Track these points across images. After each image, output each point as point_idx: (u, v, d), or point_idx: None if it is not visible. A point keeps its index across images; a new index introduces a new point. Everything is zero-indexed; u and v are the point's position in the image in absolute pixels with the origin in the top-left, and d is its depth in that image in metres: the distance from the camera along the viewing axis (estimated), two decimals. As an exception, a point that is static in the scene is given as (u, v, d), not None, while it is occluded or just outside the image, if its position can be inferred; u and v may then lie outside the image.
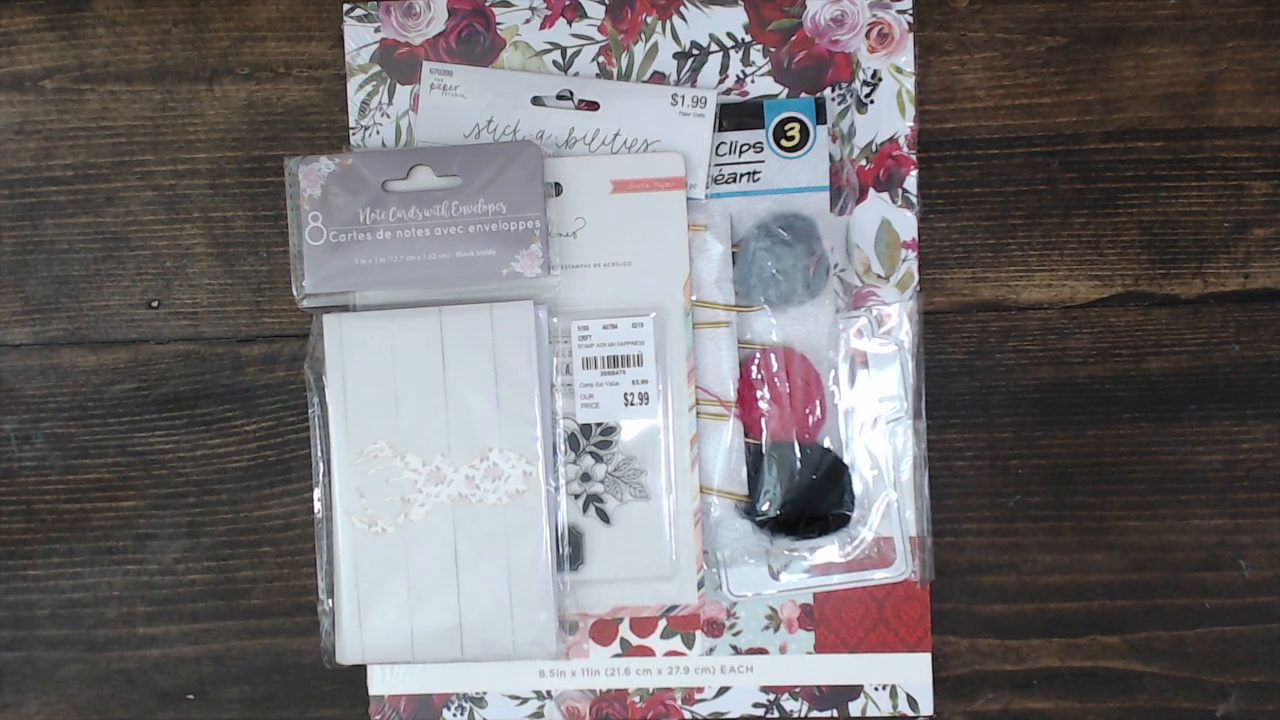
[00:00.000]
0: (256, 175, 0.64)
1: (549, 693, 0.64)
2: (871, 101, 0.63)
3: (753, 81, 0.63)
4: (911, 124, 0.63)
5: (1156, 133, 0.63)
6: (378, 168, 0.60)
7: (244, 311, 0.65)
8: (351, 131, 0.63)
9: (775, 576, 0.63)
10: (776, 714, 0.64)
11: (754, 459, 0.62)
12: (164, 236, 0.65)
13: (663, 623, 0.64)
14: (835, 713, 0.64)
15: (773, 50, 0.63)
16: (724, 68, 0.63)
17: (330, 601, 0.61)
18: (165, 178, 0.64)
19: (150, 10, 0.64)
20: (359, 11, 0.63)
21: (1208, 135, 0.63)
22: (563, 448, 0.61)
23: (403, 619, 0.61)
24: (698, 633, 0.64)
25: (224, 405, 0.65)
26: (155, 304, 0.65)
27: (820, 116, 0.61)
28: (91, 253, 0.65)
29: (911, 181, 0.63)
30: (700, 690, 0.64)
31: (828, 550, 0.62)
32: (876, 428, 0.62)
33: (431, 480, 0.60)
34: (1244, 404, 0.64)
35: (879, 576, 0.62)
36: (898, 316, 0.62)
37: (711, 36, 0.63)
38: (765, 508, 0.61)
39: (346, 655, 0.61)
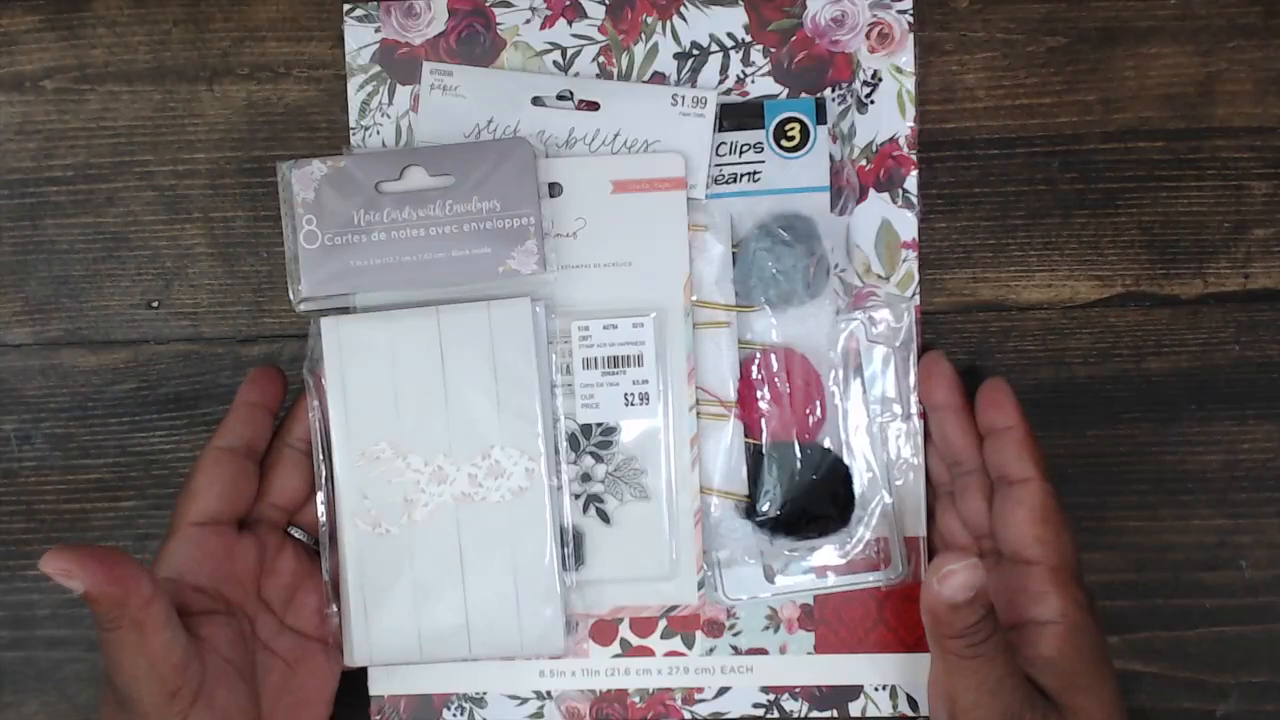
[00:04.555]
0: (256, 175, 0.64)
1: (549, 693, 0.64)
2: (872, 102, 0.62)
3: (753, 82, 0.63)
4: (912, 124, 0.62)
5: (1156, 133, 0.63)
6: (370, 169, 0.60)
7: (244, 311, 0.65)
8: (352, 132, 0.63)
9: (771, 579, 0.63)
10: (776, 714, 0.64)
11: (754, 459, 0.62)
12: (164, 236, 0.65)
13: (663, 623, 0.64)
14: (835, 713, 0.63)
15: (773, 50, 0.63)
16: (724, 68, 0.63)
17: (336, 605, 0.61)
18: (165, 178, 0.64)
19: (150, 10, 0.64)
20: (359, 12, 0.63)
21: (1208, 135, 0.63)
22: (563, 447, 0.61)
23: (410, 619, 0.61)
24: (698, 633, 0.64)
25: (224, 405, 0.64)
26: (155, 304, 0.65)
27: (820, 117, 0.61)
28: (91, 253, 0.65)
29: (912, 182, 0.63)
30: (700, 690, 0.64)
31: (825, 552, 0.62)
32: (875, 429, 0.62)
33: (434, 480, 0.60)
34: (1244, 404, 0.64)
35: (874, 579, 0.62)
36: (897, 318, 0.62)
37: (712, 37, 0.63)
38: (765, 508, 0.61)
39: (355, 657, 0.61)
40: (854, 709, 0.64)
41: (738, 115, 0.62)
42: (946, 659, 0.53)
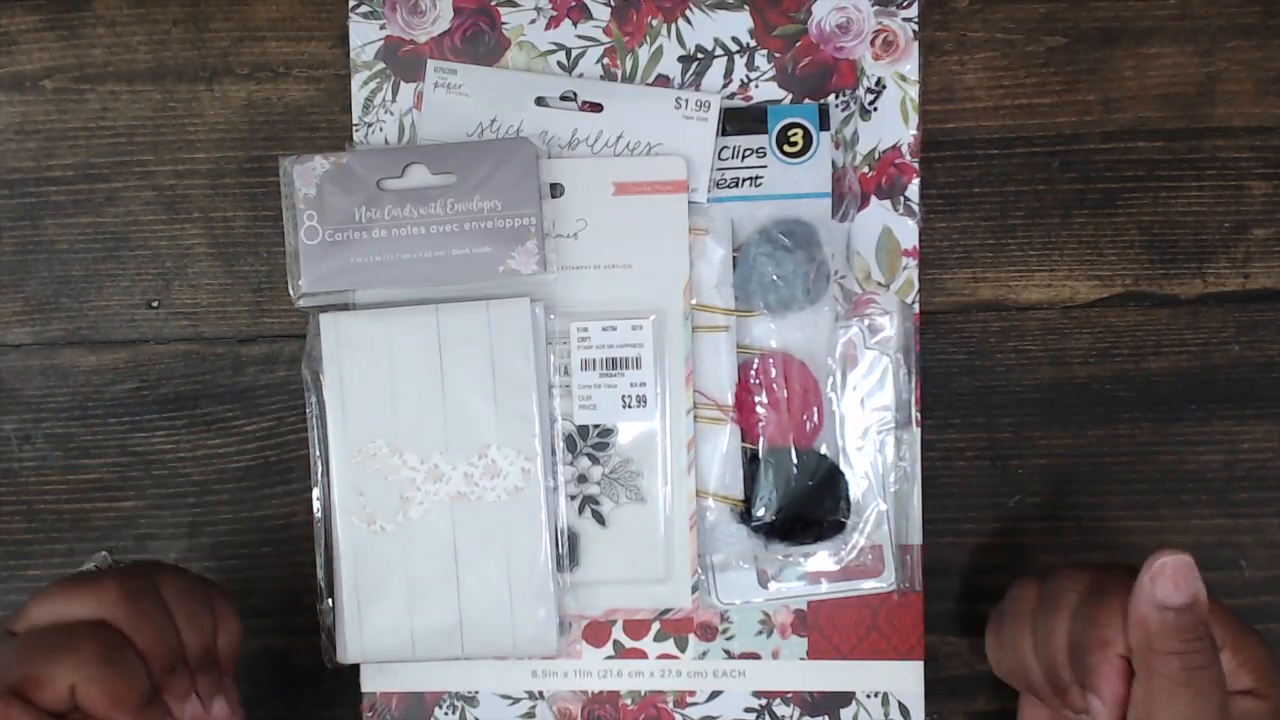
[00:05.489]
0: (256, 175, 0.64)
1: (541, 693, 0.64)
2: (875, 109, 0.62)
3: (757, 86, 0.63)
4: (915, 132, 0.62)
5: (1156, 133, 0.63)
6: (373, 166, 0.60)
7: (244, 311, 0.65)
8: (355, 128, 0.63)
9: (765, 584, 0.63)
10: (768, 719, 0.64)
11: (750, 464, 0.62)
12: (164, 236, 0.65)
13: (656, 625, 0.64)
14: (827, 719, 0.64)
15: (777, 56, 0.62)
16: (728, 72, 0.63)
17: (330, 601, 0.61)
18: (165, 178, 0.64)
19: (150, 10, 0.64)
20: (364, 8, 0.63)
21: (1208, 135, 0.63)
22: (560, 448, 0.61)
23: (403, 617, 0.61)
24: (691, 636, 0.64)
25: (224, 405, 0.65)
26: (155, 304, 0.65)
27: (824, 123, 0.61)
28: (91, 253, 0.65)
29: (914, 190, 0.62)
30: (692, 694, 0.64)
31: (820, 558, 0.62)
32: (871, 436, 0.62)
33: (430, 478, 0.60)
34: (1244, 404, 0.64)
35: (868, 586, 0.62)
36: (894, 325, 0.62)
37: (716, 40, 0.63)
38: (761, 513, 0.61)
39: (348, 654, 0.61)
40: (845, 715, 0.64)
41: (741, 120, 0.62)
42: (1154, 683, 0.47)
